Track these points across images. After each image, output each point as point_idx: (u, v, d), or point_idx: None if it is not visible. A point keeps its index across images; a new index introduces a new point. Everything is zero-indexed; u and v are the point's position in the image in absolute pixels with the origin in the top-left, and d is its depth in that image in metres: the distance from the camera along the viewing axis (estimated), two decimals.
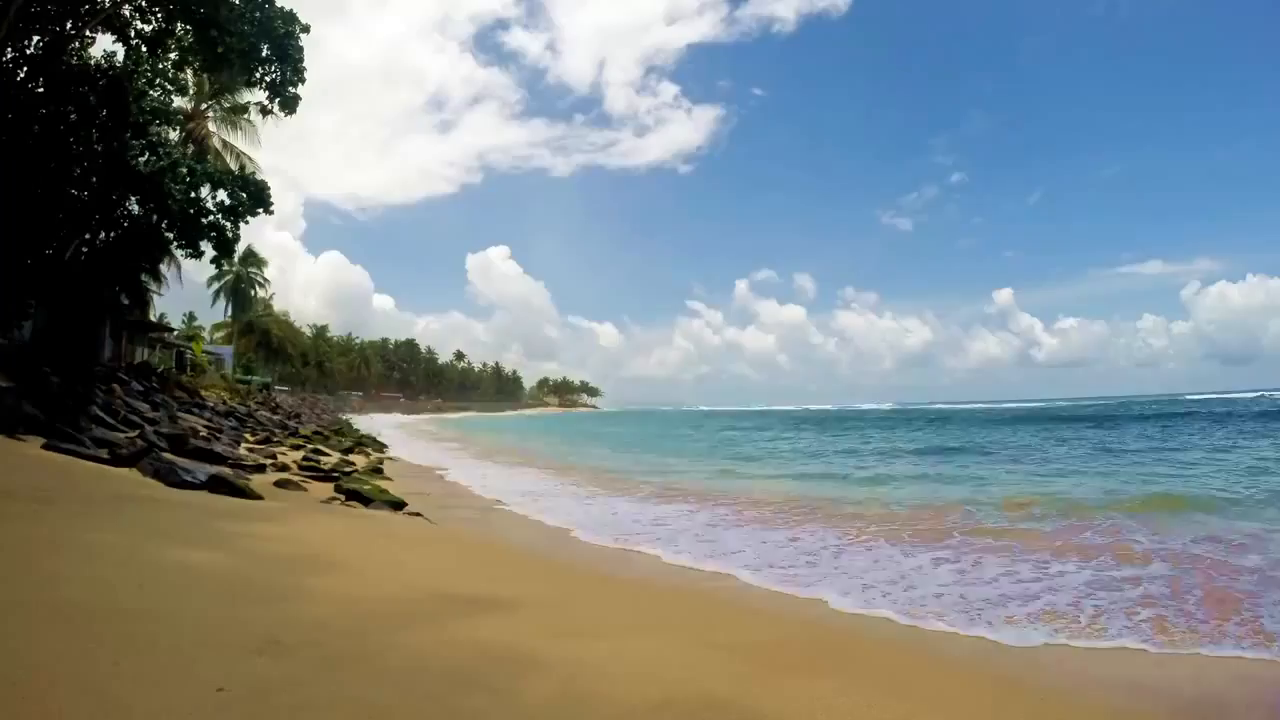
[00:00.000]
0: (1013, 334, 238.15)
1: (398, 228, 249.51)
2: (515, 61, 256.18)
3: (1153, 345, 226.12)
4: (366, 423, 46.60)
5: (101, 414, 11.39)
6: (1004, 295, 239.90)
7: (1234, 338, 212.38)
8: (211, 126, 25.82)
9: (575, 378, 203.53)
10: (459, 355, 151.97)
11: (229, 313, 54.12)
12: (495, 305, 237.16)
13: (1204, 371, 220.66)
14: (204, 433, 13.48)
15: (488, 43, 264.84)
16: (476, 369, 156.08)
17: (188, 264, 25.58)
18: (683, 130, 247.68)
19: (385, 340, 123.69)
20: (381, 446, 23.97)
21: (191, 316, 53.95)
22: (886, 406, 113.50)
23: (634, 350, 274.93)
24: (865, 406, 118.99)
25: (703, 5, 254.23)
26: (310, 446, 17.94)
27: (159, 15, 13.90)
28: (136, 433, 10.51)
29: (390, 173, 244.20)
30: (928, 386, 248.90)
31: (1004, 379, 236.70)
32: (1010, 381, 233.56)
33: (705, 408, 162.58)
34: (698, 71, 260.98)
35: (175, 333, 36.78)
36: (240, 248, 20.75)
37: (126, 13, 14.10)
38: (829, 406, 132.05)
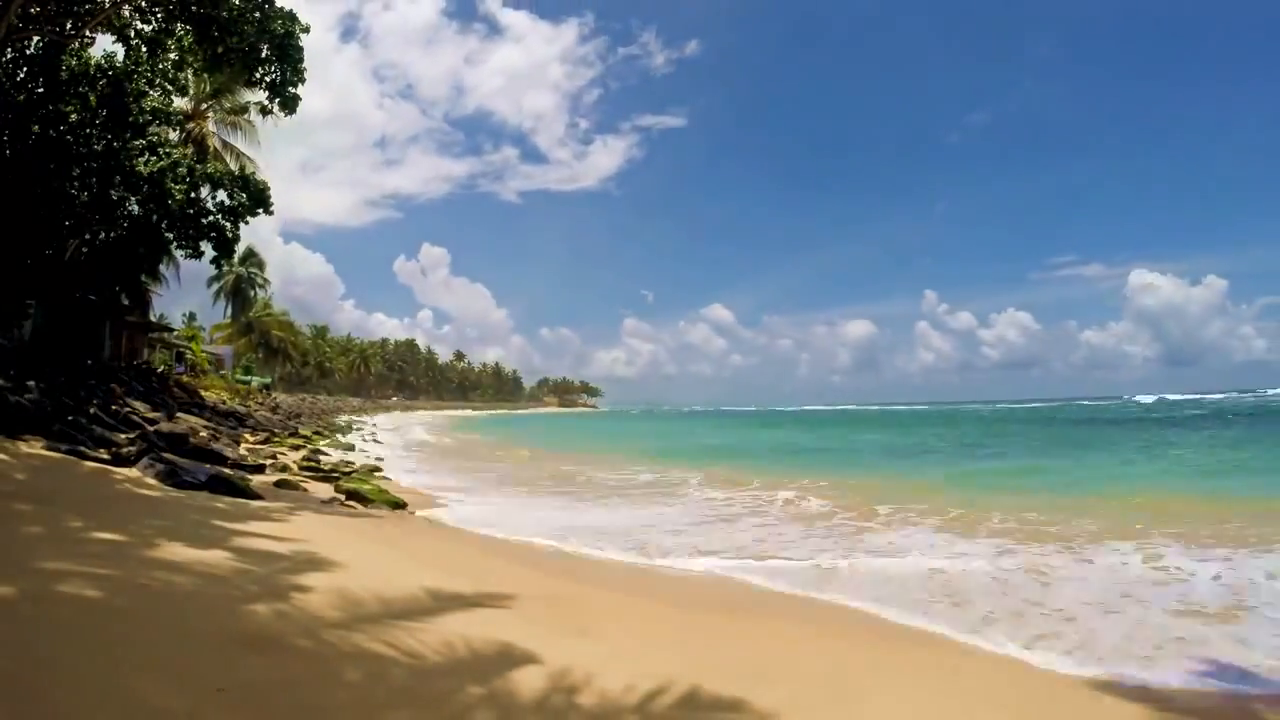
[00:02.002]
0: (955, 335, 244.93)
1: (353, 247, 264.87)
2: (445, 106, 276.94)
3: (1095, 346, 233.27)
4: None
5: (101, 414, 11.39)
6: (930, 298, 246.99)
7: (1176, 340, 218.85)
8: (211, 126, 25.81)
9: (574, 378, 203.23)
10: (459, 355, 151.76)
11: (229, 313, 54.10)
12: (452, 314, 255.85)
13: (1150, 374, 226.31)
14: (204, 433, 13.46)
15: (416, 90, 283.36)
16: (476, 369, 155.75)
17: (188, 264, 25.44)
18: (603, 159, 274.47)
19: (385, 340, 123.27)
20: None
21: (192, 316, 53.82)
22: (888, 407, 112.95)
23: (598, 352, 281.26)
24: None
25: (586, 53, 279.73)
26: (310, 446, 17.97)
27: (159, 15, 13.89)
28: (136, 433, 10.52)
29: (344, 201, 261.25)
30: (877, 388, 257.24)
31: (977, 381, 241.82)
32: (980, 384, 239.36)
33: (751, 408, 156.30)
34: (599, 106, 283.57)
35: (175, 333, 36.69)
36: (240, 248, 20.78)
37: (126, 13, 14.09)
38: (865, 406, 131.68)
